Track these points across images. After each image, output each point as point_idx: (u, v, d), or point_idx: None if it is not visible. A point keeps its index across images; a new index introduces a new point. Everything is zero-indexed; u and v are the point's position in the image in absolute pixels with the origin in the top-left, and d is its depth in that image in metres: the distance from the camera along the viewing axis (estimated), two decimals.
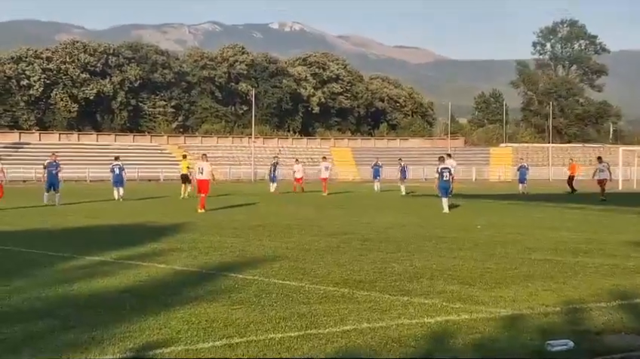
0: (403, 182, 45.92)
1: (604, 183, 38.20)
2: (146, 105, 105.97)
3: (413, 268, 12.56)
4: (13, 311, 8.96)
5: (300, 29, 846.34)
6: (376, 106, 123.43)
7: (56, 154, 35.23)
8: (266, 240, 17.10)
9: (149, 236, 17.85)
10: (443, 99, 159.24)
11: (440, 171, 28.39)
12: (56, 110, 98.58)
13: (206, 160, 29.30)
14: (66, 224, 21.93)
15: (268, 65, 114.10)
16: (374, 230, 19.69)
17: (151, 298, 9.84)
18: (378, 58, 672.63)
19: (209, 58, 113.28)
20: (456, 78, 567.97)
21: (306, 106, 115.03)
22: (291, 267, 12.66)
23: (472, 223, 21.99)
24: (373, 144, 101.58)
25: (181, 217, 24.17)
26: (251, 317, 8.66)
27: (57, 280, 11.17)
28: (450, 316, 8.82)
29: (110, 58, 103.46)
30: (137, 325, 8.20)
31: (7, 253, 14.98)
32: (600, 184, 38.29)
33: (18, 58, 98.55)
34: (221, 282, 11.15)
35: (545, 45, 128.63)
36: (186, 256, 14.07)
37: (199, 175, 28.62)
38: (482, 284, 11.04)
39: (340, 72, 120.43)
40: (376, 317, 8.67)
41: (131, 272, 12.01)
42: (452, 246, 15.99)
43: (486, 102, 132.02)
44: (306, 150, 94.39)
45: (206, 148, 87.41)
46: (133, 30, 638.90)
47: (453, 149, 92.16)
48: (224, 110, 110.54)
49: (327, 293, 10.25)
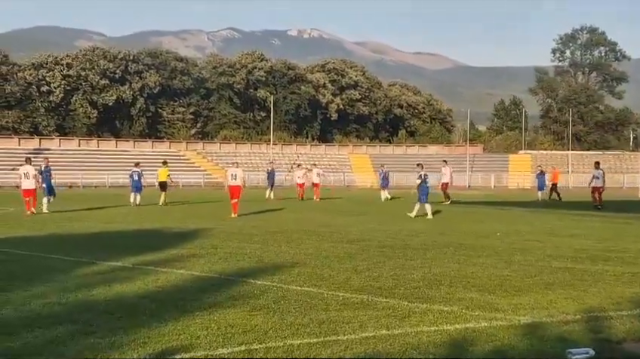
0: (385, 188, 45.30)
1: (599, 191, 36.11)
2: (165, 111, 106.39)
3: (432, 275, 12.53)
4: (34, 316, 9.00)
5: (318, 36, 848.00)
6: (394, 113, 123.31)
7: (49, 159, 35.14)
8: (285, 246, 17.10)
9: (167, 242, 17.91)
10: (461, 106, 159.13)
11: (423, 177, 28.51)
12: (76, 116, 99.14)
13: (237, 166, 30.65)
14: (84, 229, 22.03)
15: (286, 71, 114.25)
16: (392, 237, 19.65)
17: (170, 303, 9.86)
18: (396, 64, 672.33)
19: (228, 64, 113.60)
20: (474, 85, 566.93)
21: (325, 113, 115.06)
22: (310, 273, 12.65)
23: (491, 230, 21.91)
24: (391, 151, 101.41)
25: (200, 223, 24.21)
26: (270, 323, 8.66)
27: (77, 286, 11.22)
28: (470, 323, 8.78)
29: (130, 64, 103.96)
30: (157, 330, 8.23)
31: (27, 258, 15.06)
32: (594, 192, 36.33)
33: (39, 64, 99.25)
34: (240, 288, 11.15)
35: (564, 52, 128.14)
36: (204, 262, 14.09)
37: (232, 181, 29.08)
38: (501, 292, 10.99)
39: (358, 78, 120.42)
40: (395, 324, 8.65)
41: (150, 278, 12.04)
42: (471, 253, 15.93)
43: (505, 109, 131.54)
44: (325, 157, 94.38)
45: (224, 154, 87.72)
46: (152, 37, 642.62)
47: (472, 156, 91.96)
48: (243, 116, 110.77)
49: (346, 299, 10.24)
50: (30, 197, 29.49)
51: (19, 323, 8.53)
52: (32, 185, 29.80)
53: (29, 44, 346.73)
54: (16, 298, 10.19)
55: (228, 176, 30.07)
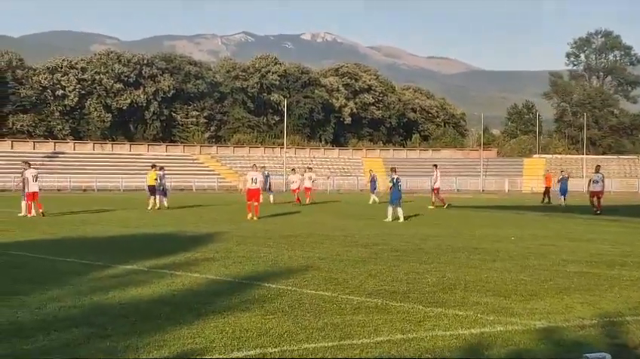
0: (373, 192, 45.78)
1: (598, 195, 35.19)
2: (179, 115, 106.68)
3: (447, 280, 12.49)
4: (50, 319, 9.03)
5: (332, 40, 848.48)
6: (408, 117, 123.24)
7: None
8: (299, 250, 17.09)
9: (182, 245, 17.93)
10: (475, 110, 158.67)
11: (395, 181, 28.83)
12: (90, 120, 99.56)
13: (257, 169, 31.18)
14: (99, 233, 22.10)
15: (300, 75, 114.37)
16: (406, 241, 19.61)
17: (185, 307, 9.87)
18: (409, 69, 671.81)
19: (241, 69, 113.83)
20: (488, 89, 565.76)
21: (338, 117, 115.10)
22: (324, 277, 12.64)
23: (506, 234, 21.84)
24: (405, 155, 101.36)
25: (214, 227, 24.25)
26: (285, 327, 8.65)
27: (92, 289, 11.25)
28: (485, 328, 8.75)
29: (144, 69, 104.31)
30: (172, 334, 8.24)
31: (42, 261, 15.13)
32: (592, 196, 35.44)
33: (53, 68, 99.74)
34: (254, 292, 11.15)
35: (579, 56, 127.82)
36: (219, 266, 14.11)
37: (252, 184, 29.51)
38: (517, 296, 10.95)
39: (371, 82, 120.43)
40: (410, 328, 8.63)
41: (165, 281, 12.06)
42: (485, 257, 15.88)
43: (518, 113, 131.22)
44: (338, 161, 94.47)
45: (238, 158, 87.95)
46: (166, 41, 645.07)
47: (486, 160, 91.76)
48: (256, 120, 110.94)
49: (361, 303, 10.22)
50: (35, 200, 29.91)
51: (35, 326, 8.56)
52: (37, 188, 30.46)
53: (44, 49, 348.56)
54: (32, 301, 10.23)
55: (248, 180, 30.37)
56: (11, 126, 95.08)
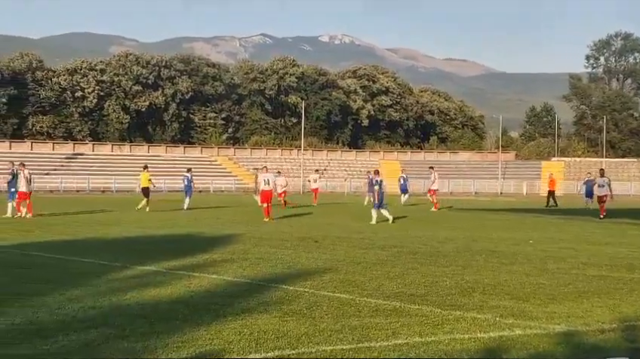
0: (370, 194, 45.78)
1: (604, 200, 34.22)
2: (197, 117, 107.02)
3: (465, 283, 12.45)
4: (70, 319, 9.08)
5: (350, 42, 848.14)
6: (425, 119, 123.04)
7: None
8: (316, 252, 17.09)
9: (200, 247, 17.97)
10: (493, 112, 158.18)
11: (378, 183, 29.00)
12: (109, 121, 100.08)
13: (267, 171, 31.64)
14: (118, 234, 22.20)
15: (317, 77, 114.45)
16: (424, 243, 19.57)
17: (203, 308, 9.89)
18: (427, 71, 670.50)
19: (259, 70, 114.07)
20: (506, 91, 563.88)
21: (356, 119, 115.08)
22: (342, 279, 12.63)
23: (524, 237, 21.75)
24: (422, 157, 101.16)
25: (231, 228, 24.30)
26: (303, 329, 8.65)
27: (111, 290, 11.30)
28: (504, 331, 8.71)
29: (162, 70, 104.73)
30: (190, 335, 8.25)
31: (62, 262, 15.22)
32: (599, 201, 34.59)
33: (73, 70, 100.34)
34: (272, 293, 11.16)
35: (599, 58, 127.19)
36: (237, 267, 14.13)
37: (265, 186, 29.92)
38: (536, 300, 10.90)
39: (389, 84, 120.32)
40: (428, 332, 8.61)
41: (183, 282, 12.09)
42: (504, 260, 15.81)
43: (537, 116, 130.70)
44: (355, 163, 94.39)
45: (255, 159, 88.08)
46: (185, 43, 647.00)
47: (504, 163, 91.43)
48: (274, 122, 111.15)
49: (379, 306, 10.21)
50: (25, 199, 30.00)
51: (55, 327, 8.60)
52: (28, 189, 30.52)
53: (63, 50, 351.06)
54: (51, 301, 10.28)
55: (260, 181, 30.70)
56: (31, 127, 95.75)
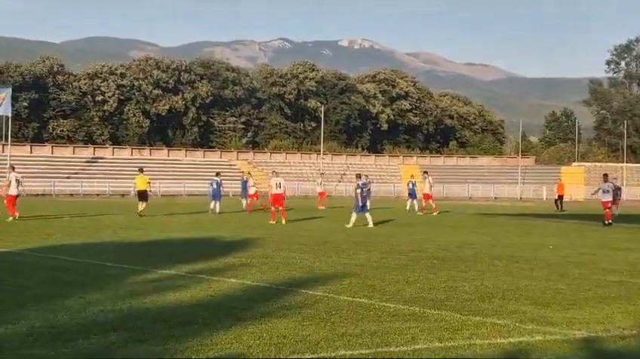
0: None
1: (608, 206, 32.57)
2: (217, 121, 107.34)
3: (485, 288, 12.41)
4: (90, 322, 9.12)
5: (370, 46, 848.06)
6: (445, 124, 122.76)
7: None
8: (335, 256, 17.09)
9: (219, 251, 18.02)
10: (513, 117, 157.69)
11: (361, 186, 29.31)
12: (129, 125, 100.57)
13: (277, 175, 32.40)
14: (137, 237, 22.30)
15: (337, 82, 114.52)
16: (443, 248, 19.51)
17: (222, 312, 9.91)
18: (447, 75, 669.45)
19: (279, 75, 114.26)
20: (526, 96, 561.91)
21: (375, 123, 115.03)
22: (361, 284, 12.62)
23: (544, 243, 21.64)
24: (442, 162, 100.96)
25: (251, 232, 24.33)
26: (322, 333, 8.65)
27: (130, 293, 11.35)
28: (523, 337, 8.67)
29: (182, 75, 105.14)
30: (209, 339, 8.27)
31: (82, 265, 15.30)
32: (604, 206, 32.77)
33: (93, 74, 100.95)
34: (291, 298, 11.17)
35: (619, 63, 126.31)
36: (256, 271, 14.14)
37: (277, 189, 30.91)
38: (555, 305, 10.84)
39: (409, 89, 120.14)
40: (447, 337, 8.58)
41: (202, 286, 12.12)
42: (524, 266, 15.74)
43: (557, 121, 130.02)
44: (374, 167, 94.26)
45: (275, 164, 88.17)
46: (205, 47, 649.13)
47: (524, 168, 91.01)
48: (293, 126, 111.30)
49: (398, 310, 10.19)
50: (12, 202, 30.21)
51: (75, 330, 8.65)
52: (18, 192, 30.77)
53: (84, 55, 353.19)
54: (72, 304, 10.34)
55: (272, 185, 31.43)
56: (52, 131, 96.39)
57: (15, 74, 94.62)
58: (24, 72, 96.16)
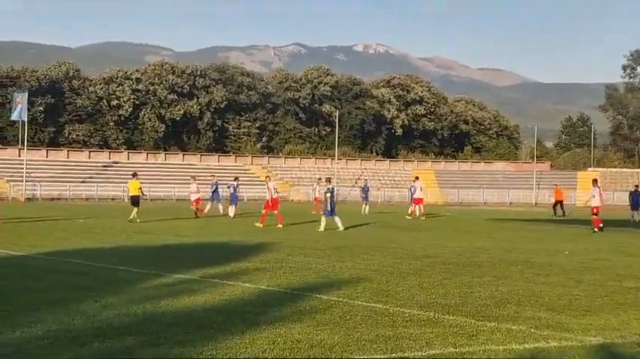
0: (366, 202, 48.02)
1: (592, 211, 32.06)
2: (231, 125, 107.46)
3: (500, 294, 12.37)
4: (105, 326, 9.16)
5: (384, 51, 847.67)
6: (460, 129, 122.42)
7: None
8: (349, 261, 17.08)
9: (233, 255, 18.05)
10: (528, 122, 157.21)
11: (330, 190, 29.75)
12: (144, 130, 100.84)
13: (271, 180, 33.54)
14: (152, 242, 22.36)
15: (352, 86, 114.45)
16: (458, 254, 19.47)
17: (236, 317, 9.92)
18: (462, 80, 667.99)
19: (293, 79, 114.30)
20: (541, 101, 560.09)
21: (389, 128, 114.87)
22: (375, 289, 12.61)
23: (559, 248, 21.55)
24: (457, 167, 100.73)
25: (265, 236, 24.34)
26: (336, 338, 8.64)
27: (145, 297, 11.39)
28: (539, 343, 8.65)
29: (197, 79, 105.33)
30: (224, 343, 8.28)
31: (97, 269, 15.35)
32: (592, 212, 32.18)
33: (109, 79, 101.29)
34: (306, 303, 11.17)
35: (635, 68, 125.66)
36: (270, 276, 14.15)
37: (275, 194, 31.92)
38: (571, 311, 10.80)
39: (423, 94, 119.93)
40: (462, 342, 8.56)
41: (217, 291, 12.14)
42: (539, 271, 15.69)
43: (573, 126, 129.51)
44: (389, 172, 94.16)
45: (289, 168, 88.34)
46: (220, 52, 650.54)
47: (539, 173, 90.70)
48: (308, 131, 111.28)
49: (413, 316, 10.18)
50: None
51: (90, 334, 8.68)
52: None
53: (99, 59, 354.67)
54: (87, 308, 10.38)
55: (271, 190, 32.32)
56: (67, 135, 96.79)
57: (31, 79, 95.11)
58: (40, 76, 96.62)
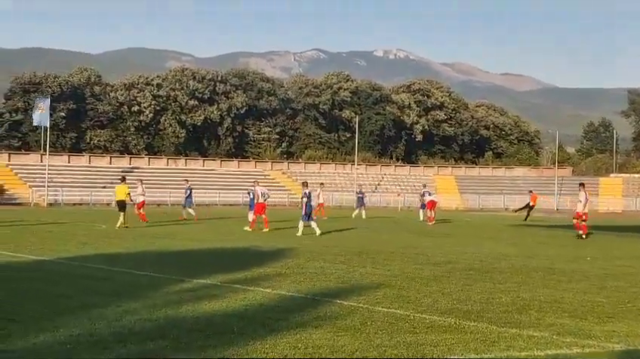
0: (362, 207, 49.07)
1: (577, 216, 30.95)
2: (251, 131, 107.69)
3: (521, 300, 12.31)
4: (127, 331, 9.19)
5: (405, 57, 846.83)
6: (480, 134, 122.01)
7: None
8: (370, 267, 17.05)
9: (254, 260, 18.06)
10: (549, 128, 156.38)
11: (307, 195, 29.59)
12: (165, 135, 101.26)
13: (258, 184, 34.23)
14: (172, 247, 22.42)
15: (371, 92, 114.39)
16: (479, 260, 19.39)
17: (257, 322, 9.93)
18: (483, 86, 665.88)
19: (313, 85, 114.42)
20: (562, 106, 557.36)
21: (410, 133, 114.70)
22: (396, 295, 12.58)
23: (581, 255, 21.42)
24: (477, 172, 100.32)
25: (284, 242, 24.35)
26: (357, 344, 8.63)
27: (166, 302, 11.42)
28: (561, 349, 8.59)
29: (218, 85, 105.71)
30: (245, 348, 8.29)
31: (119, 274, 15.41)
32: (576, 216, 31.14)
33: (130, 85, 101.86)
34: (326, 308, 11.16)
35: None
36: (290, 282, 14.16)
37: (262, 199, 32.54)
38: (594, 318, 10.72)
39: (444, 99, 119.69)
40: (484, 349, 8.52)
41: (238, 296, 12.16)
42: (561, 278, 15.59)
43: (595, 131, 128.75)
44: (409, 178, 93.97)
45: (309, 174, 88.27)
46: (240, 58, 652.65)
47: (561, 179, 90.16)
48: (327, 136, 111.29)
49: (434, 322, 10.14)
50: None
51: (112, 339, 8.72)
52: None
53: (120, 65, 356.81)
54: (109, 313, 10.43)
55: (259, 195, 32.74)
56: (89, 141, 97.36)
57: (53, 84, 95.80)
58: (62, 82, 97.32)
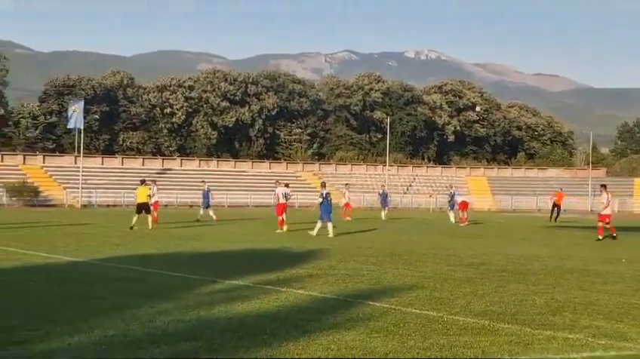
0: (385, 207, 48.74)
1: (605, 220, 30.19)
2: (283, 132, 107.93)
3: (555, 302, 12.18)
4: (160, 332, 9.22)
5: (436, 57, 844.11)
6: (513, 135, 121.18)
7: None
8: (402, 268, 16.99)
9: (285, 261, 18.07)
10: (583, 128, 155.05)
11: (325, 196, 29.62)
12: (197, 137, 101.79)
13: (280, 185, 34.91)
14: (203, 248, 22.51)
15: (403, 93, 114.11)
16: (513, 261, 19.25)
17: (290, 323, 9.92)
18: (516, 86, 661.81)
19: (345, 86, 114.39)
20: (596, 107, 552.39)
21: (441, 134, 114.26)
22: (429, 297, 12.52)
23: (616, 256, 21.18)
24: (510, 173, 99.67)
25: (315, 243, 24.34)
26: (390, 346, 8.59)
27: (199, 303, 11.45)
28: (597, 352, 8.49)
29: (249, 87, 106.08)
30: (277, 349, 8.29)
31: (151, 275, 15.50)
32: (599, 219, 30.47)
33: (162, 87, 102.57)
34: (359, 310, 11.13)
35: None
36: (322, 283, 14.14)
37: (283, 199, 33.02)
38: (630, 320, 10.59)
39: (476, 100, 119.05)
40: (518, 351, 8.44)
41: (270, 297, 12.17)
42: (596, 279, 15.42)
43: (629, 132, 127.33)
44: (441, 179, 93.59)
45: (340, 175, 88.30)
46: (271, 59, 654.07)
47: (595, 179, 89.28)
48: (359, 138, 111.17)
49: (467, 324, 10.07)
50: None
51: (146, 339, 8.76)
52: None
53: (153, 68, 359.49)
54: (142, 314, 10.48)
55: (279, 195, 33.32)
56: (122, 143, 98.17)
57: (87, 87, 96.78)
58: (95, 85, 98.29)
